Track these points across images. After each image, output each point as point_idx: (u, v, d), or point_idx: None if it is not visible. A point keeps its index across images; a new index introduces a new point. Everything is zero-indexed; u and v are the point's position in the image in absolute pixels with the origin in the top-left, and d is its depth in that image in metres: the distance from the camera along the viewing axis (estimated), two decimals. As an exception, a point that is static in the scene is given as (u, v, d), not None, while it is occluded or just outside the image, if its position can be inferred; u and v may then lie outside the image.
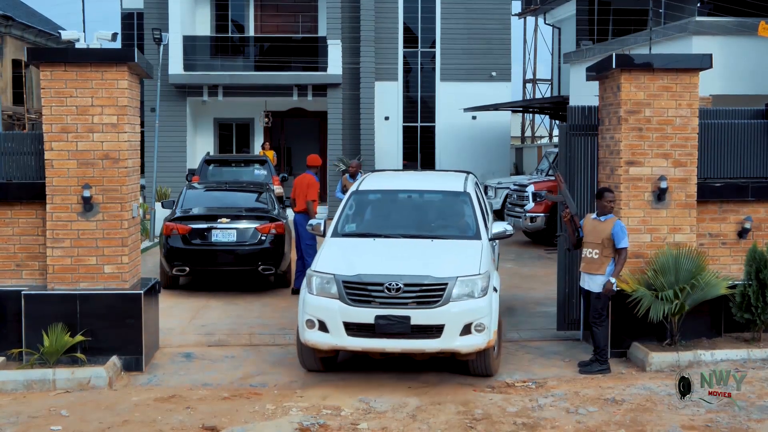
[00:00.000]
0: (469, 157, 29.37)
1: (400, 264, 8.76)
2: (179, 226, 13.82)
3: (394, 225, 9.96)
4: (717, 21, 20.54)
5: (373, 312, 8.34)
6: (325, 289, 8.61)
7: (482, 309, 8.51)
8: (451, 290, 8.43)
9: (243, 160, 21.99)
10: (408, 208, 10.53)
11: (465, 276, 8.57)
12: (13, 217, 9.45)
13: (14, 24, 32.61)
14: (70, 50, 9.41)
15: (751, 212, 10.16)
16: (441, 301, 8.39)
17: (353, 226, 10.03)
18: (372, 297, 8.42)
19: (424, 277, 8.48)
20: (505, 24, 30.17)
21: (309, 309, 8.65)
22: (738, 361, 9.29)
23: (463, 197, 10.18)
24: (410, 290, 8.40)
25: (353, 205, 10.26)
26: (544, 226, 19.19)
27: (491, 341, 8.61)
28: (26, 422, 7.75)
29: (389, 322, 8.30)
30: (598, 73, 10.32)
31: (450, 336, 8.36)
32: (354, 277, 8.53)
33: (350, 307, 8.42)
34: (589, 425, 7.58)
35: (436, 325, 8.35)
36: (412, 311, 8.35)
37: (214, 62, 28.34)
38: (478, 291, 8.56)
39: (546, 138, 43.64)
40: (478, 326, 8.44)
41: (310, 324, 8.60)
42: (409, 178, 12.06)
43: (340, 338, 8.47)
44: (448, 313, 8.37)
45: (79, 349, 9.02)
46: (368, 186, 10.63)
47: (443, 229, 9.86)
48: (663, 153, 9.72)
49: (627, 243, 9.25)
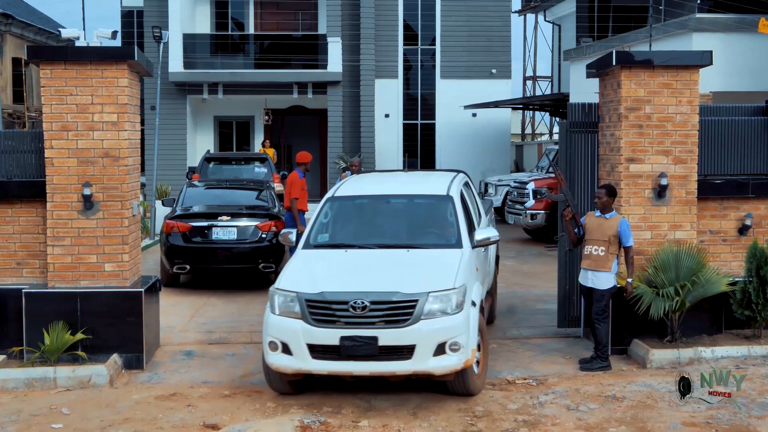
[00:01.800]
0: (470, 155, 29.40)
1: (368, 280, 8.09)
2: (180, 224, 13.83)
3: (369, 234, 9.33)
4: (717, 18, 20.52)
5: (338, 333, 7.67)
6: (288, 309, 7.95)
7: (457, 326, 7.78)
8: (422, 307, 7.72)
9: (243, 157, 22.00)
10: (386, 214, 9.78)
11: (437, 291, 7.85)
12: (13, 216, 9.46)
13: (14, 22, 32.61)
14: (70, 48, 9.39)
15: (752, 209, 10.16)
16: (411, 320, 7.68)
17: (326, 236, 9.36)
18: (336, 317, 7.75)
19: (392, 294, 7.79)
20: (505, 21, 30.18)
21: (271, 330, 7.98)
22: (738, 357, 9.29)
23: (445, 201, 9.42)
24: (377, 308, 7.71)
25: (328, 212, 9.60)
26: (544, 223, 19.22)
27: (469, 361, 7.87)
28: (27, 420, 7.75)
29: (355, 343, 7.62)
30: (598, 70, 10.31)
31: (422, 357, 7.67)
32: (317, 295, 7.86)
33: (314, 327, 7.75)
34: (590, 422, 7.58)
35: (406, 346, 7.66)
36: (379, 331, 7.66)
37: (214, 60, 28.35)
38: (452, 307, 7.83)
39: (546, 135, 43.66)
40: (452, 345, 7.72)
41: (273, 346, 7.94)
42: (391, 181, 11.12)
43: (304, 361, 7.78)
44: (419, 332, 7.66)
45: (79, 347, 9.03)
46: (345, 191, 9.89)
47: (422, 238, 9.19)
48: (663, 150, 9.71)
49: (633, 241, 9.28)
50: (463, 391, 8.16)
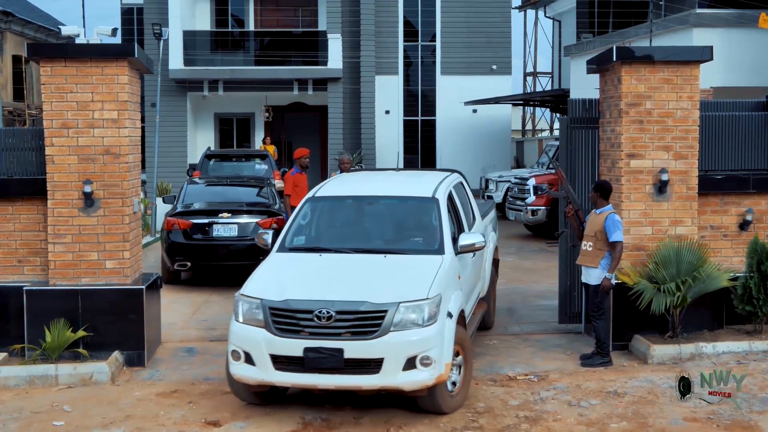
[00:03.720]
0: (470, 151, 29.40)
1: (336, 288, 7.64)
2: (180, 221, 13.83)
3: (347, 237, 8.91)
4: (717, 13, 20.51)
5: (302, 343, 7.22)
6: (252, 317, 7.52)
7: (429, 340, 7.26)
8: (392, 318, 7.21)
9: (244, 154, 22.00)
10: (366, 217, 9.30)
11: (408, 301, 7.34)
12: (14, 213, 9.46)
13: (14, 20, 32.60)
14: (70, 46, 9.42)
15: (753, 204, 10.16)
16: (379, 331, 7.18)
17: (302, 238, 8.91)
18: (301, 326, 7.30)
19: (360, 303, 7.31)
20: (506, 17, 30.16)
21: (234, 339, 7.58)
22: (740, 353, 9.29)
23: (430, 204, 8.84)
24: (343, 318, 7.24)
25: (307, 213, 9.16)
26: (545, 219, 19.22)
27: (442, 376, 7.33)
28: (29, 417, 7.76)
29: (320, 355, 7.16)
30: (598, 65, 10.31)
31: (391, 371, 7.17)
32: (281, 303, 7.43)
33: (277, 337, 7.31)
34: (591, 418, 7.59)
35: (373, 359, 7.17)
36: (345, 343, 7.19)
37: (215, 57, 28.34)
38: (424, 318, 7.31)
39: (547, 131, 43.63)
40: (423, 359, 7.20)
41: (235, 356, 7.53)
42: (377, 181, 10.41)
43: (267, 373, 7.37)
44: (388, 345, 7.17)
45: (81, 345, 9.03)
46: (326, 192, 9.40)
47: (401, 242, 8.75)
48: (664, 145, 9.71)
49: (620, 237, 9.07)
50: (434, 408, 7.60)
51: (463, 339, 7.93)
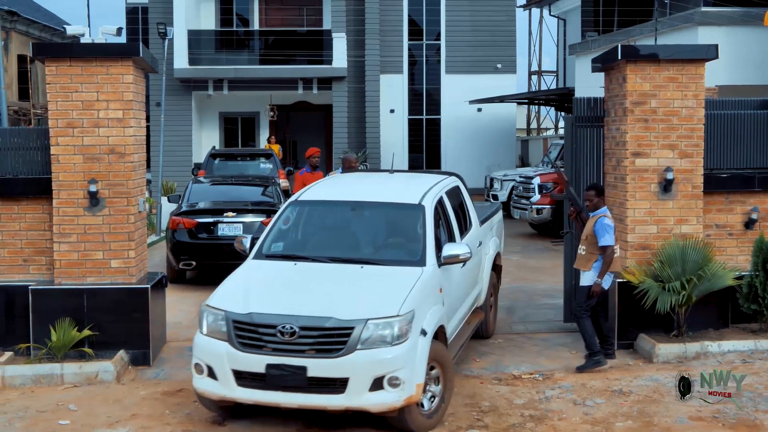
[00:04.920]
0: (475, 150, 29.40)
1: (303, 301, 7.23)
2: (185, 220, 13.85)
3: (325, 245, 8.51)
4: (722, 11, 20.48)
5: (264, 359, 6.88)
6: (217, 329, 7.19)
7: (398, 359, 6.83)
8: (358, 335, 6.81)
9: (248, 154, 22.01)
10: (348, 223, 8.83)
11: (377, 318, 6.91)
12: (19, 213, 9.47)
13: (19, 19, 32.64)
14: (75, 45, 9.42)
15: (758, 203, 10.13)
16: (344, 349, 6.79)
17: (280, 245, 8.52)
18: (264, 341, 6.96)
19: (325, 319, 6.91)
20: (510, 15, 30.15)
21: (197, 352, 7.30)
22: (745, 352, 9.27)
23: (415, 211, 8.33)
24: (307, 335, 6.87)
25: (289, 218, 8.78)
26: (550, 218, 19.23)
27: (412, 397, 6.92)
28: (34, 416, 7.77)
29: (282, 372, 6.83)
30: (603, 64, 10.29)
31: (356, 391, 6.79)
32: (245, 316, 7.07)
33: (239, 352, 6.98)
34: (597, 417, 7.58)
35: (338, 378, 6.80)
36: (309, 360, 6.81)
37: (219, 56, 28.36)
38: (393, 336, 6.87)
39: (552, 130, 43.62)
40: (392, 380, 6.80)
41: (198, 369, 7.25)
42: (365, 184, 9.85)
43: (229, 388, 7.05)
44: (353, 364, 6.77)
45: (86, 344, 9.04)
46: (309, 196, 8.98)
47: (382, 252, 8.29)
48: (669, 144, 9.69)
49: (610, 241, 8.88)
50: (404, 429, 7.19)
51: (442, 356, 7.48)
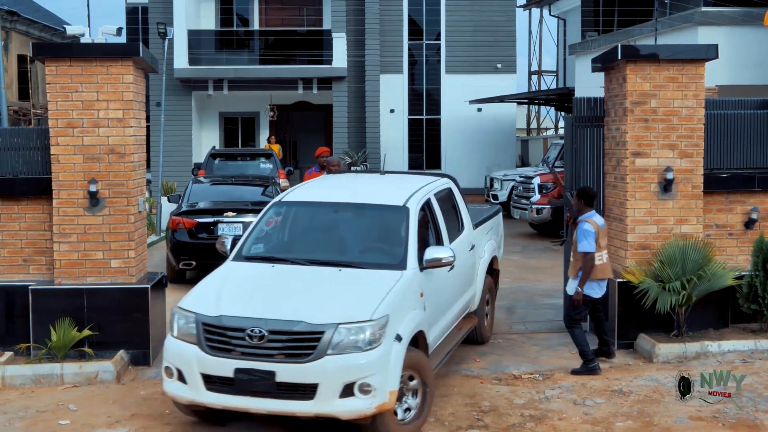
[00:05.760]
0: (475, 149, 29.41)
1: (275, 304, 7.08)
2: (185, 220, 13.86)
3: (305, 247, 8.37)
4: (722, 11, 20.48)
5: (233, 364, 6.74)
6: (187, 332, 7.06)
7: (369, 365, 6.63)
8: (329, 340, 6.62)
9: (249, 154, 22.02)
10: (331, 225, 8.69)
11: (348, 323, 6.72)
12: (19, 213, 9.47)
13: (19, 19, 32.64)
14: (75, 45, 9.42)
15: (758, 203, 10.14)
16: (314, 354, 6.61)
17: (260, 247, 8.39)
18: (232, 345, 6.81)
19: (295, 323, 6.74)
20: (510, 15, 30.14)
21: (167, 354, 7.17)
22: (745, 351, 9.27)
23: (399, 214, 8.11)
24: (276, 339, 6.70)
25: (271, 219, 8.68)
26: (550, 218, 19.25)
27: (385, 405, 6.70)
28: (34, 416, 7.78)
29: (251, 377, 6.68)
30: (603, 64, 10.29)
31: (326, 397, 6.61)
32: (214, 319, 6.93)
33: (208, 356, 6.83)
34: (596, 417, 7.58)
35: (307, 384, 6.62)
36: (278, 365, 6.65)
37: (219, 56, 28.36)
38: (364, 342, 6.68)
39: (552, 130, 43.62)
40: (363, 387, 6.60)
41: (168, 372, 7.11)
42: (352, 186, 9.57)
43: (197, 392, 6.91)
44: (323, 370, 6.58)
45: (86, 344, 9.04)
46: (293, 197, 8.83)
47: (362, 255, 8.07)
48: (669, 144, 9.69)
49: (587, 247, 8.72)
50: None
51: (421, 363, 7.27)
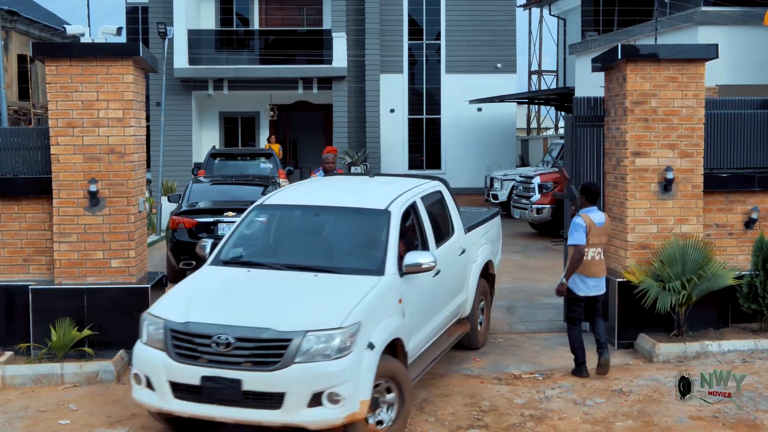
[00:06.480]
0: (475, 149, 29.41)
1: (245, 310, 6.90)
2: (185, 219, 13.85)
3: (284, 251, 8.22)
4: (722, 11, 20.49)
5: (199, 371, 6.57)
6: (155, 338, 6.91)
7: (339, 374, 6.43)
8: (296, 348, 6.44)
9: (249, 153, 22.01)
10: (311, 229, 8.56)
11: (317, 330, 6.52)
12: (20, 212, 9.48)
13: (19, 19, 32.64)
14: (76, 45, 9.42)
15: (758, 202, 10.14)
16: (281, 363, 6.43)
17: (238, 250, 8.23)
18: (199, 352, 6.64)
19: (262, 330, 6.55)
20: (510, 15, 30.14)
21: (136, 361, 7.06)
22: (745, 351, 9.28)
23: (381, 217, 7.91)
24: (243, 346, 6.53)
25: (252, 222, 8.59)
26: (550, 217, 19.26)
27: (355, 415, 6.51)
28: (35, 416, 7.78)
29: (217, 385, 6.51)
30: (603, 64, 10.29)
31: (293, 407, 6.43)
32: (182, 325, 6.77)
33: (175, 363, 6.68)
34: (597, 416, 7.58)
35: (275, 393, 6.46)
36: (244, 373, 6.48)
37: (219, 56, 28.35)
38: (334, 350, 6.48)
39: (552, 129, 43.63)
40: (331, 396, 6.41)
41: (137, 379, 6.96)
42: (337, 189, 9.32)
43: (165, 400, 6.76)
44: (290, 378, 6.41)
45: (86, 344, 9.05)
46: (275, 200, 8.70)
47: (340, 259, 7.89)
48: (669, 144, 9.70)
49: (576, 240, 8.54)
50: None
51: (397, 372, 7.03)
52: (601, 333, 8.85)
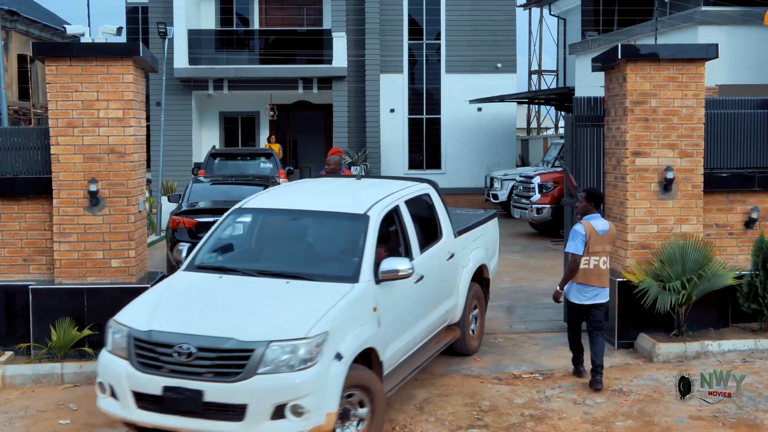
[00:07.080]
0: (475, 149, 29.39)
1: (209, 319, 6.71)
2: (186, 219, 13.85)
3: (258, 257, 8.10)
4: (723, 10, 20.49)
5: (161, 381, 6.40)
6: (119, 346, 6.74)
7: (303, 385, 6.24)
8: (259, 359, 6.25)
9: (249, 153, 22.01)
10: (288, 234, 8.36)
11: (281, 340, 6.32)
12: (20, 212, 9.48)
13: (19, 19, 32.64)
14: (76, 45, 9.42)
15: (758, 202, 10.14)
16: (243, 373, 6.25)
17: (213, 255, 8.04)
18: (161, 362, 6.48)
19: (224, 340, 6.37)
20: (510, 15, 30.10)
21: (100, 369, 6.87)
22: (745, 351, 9.28)
23: (358, 222, 7.66)
24: (205, 356, 6.35)
25: (229, 226, 8.41)
26: (550, 217, 19.27)
27: (321, 427, 6.30)
28: (35, 416, 7.78)
29: (178, 396, 6.34)
30: (603, 63, 10.29)
31: (256, 419, 6.24)
32: (145, 334, 6.61)
33: (138, 372, 6.52)
34: (597, 416, 7.59)
35: (237, 405, 6.26)
36: (206, 384, 6.29)
37: (219, 56, 28.32)
38: (298, 360, 6.27)
39: (552, 129, 43.63)
40: (295, 408, 6.22)
41: (101, 388, 6.82)
42: (317, 192, 9.09)
43: (128, 410, 6.59)
44: (252, 390, 6.22)
45: (86, 343, 9.05)
46: (255, 203, 8.48)
47: (314, 266, 7.63)
48: (669, 143, 9.70)
49: (573, 248, 8.32)
50: None
51: (369, 383, 6.85)
52: (599, 353, 8.43)
